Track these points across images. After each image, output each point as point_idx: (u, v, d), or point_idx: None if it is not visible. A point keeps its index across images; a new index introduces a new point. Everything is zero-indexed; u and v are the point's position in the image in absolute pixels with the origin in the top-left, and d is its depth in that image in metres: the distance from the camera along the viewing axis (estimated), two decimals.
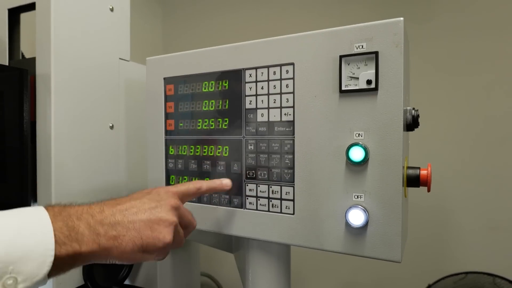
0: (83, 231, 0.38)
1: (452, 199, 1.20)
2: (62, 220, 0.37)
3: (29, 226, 0.35)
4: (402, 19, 0.46)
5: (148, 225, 0.42)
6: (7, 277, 0.32)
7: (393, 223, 0.47)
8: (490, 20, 1.12)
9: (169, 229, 0.43)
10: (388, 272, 1.31)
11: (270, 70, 0.55)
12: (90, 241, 0.38)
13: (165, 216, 0.44)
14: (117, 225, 0.40)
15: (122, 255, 0.40)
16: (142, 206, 0.43)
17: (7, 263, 0.32)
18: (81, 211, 0.40)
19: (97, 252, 0.38)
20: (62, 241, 0.36)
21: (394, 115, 0.46)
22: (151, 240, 0.41)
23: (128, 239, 0.40)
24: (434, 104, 1.19)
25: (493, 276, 1.12)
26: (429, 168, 0.50)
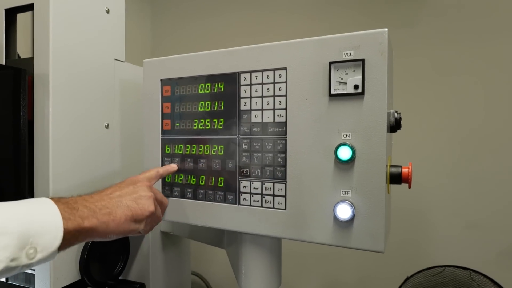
0: (82, 209, 0.46)
1: (430, 197, 1.26)
2: (63, 204, 0.44)
3: (40, 209, 0.42)
4: (387, 30, 0.50)
5: (133, 200, 0.52)
6: (29, 247, 0.39)
7: (377, 216, 0.51)
8: (469, 26, 1.19)
9: (150, 201, 0.54)
10: (368, 266, 1.37)
11: (264, 74, 0.59)
12: (90, 216, 0.46)
13: (144, 192, 0.54)
14: (108, 204, 0.49)
15: (118, 226, 0.49)
16: (122, 189, 0.53)
17: (27, 236, 0.39)
18: (75, 199, 0.47)
19: (97, 226, 0.46)
20: (67, 217, 0.43)
21: (379, 117, 0.51)
22: (139, 210, 0.52)
23: (120, 212, 0.49)
24: (414, 107, 1.25)
25: (470, 271, 1.18)
26: (410, 167, 0.55)
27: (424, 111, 1.25)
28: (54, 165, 0.69)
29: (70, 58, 0.72)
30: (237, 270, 0.69)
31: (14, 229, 0.39)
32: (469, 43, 1.19)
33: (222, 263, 1.60)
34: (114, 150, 0.83)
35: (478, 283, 1.16)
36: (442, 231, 1.27)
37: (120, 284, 0.76)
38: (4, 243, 0.38)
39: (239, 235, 0.67)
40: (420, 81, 1.25)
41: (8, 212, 0.40)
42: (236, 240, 0.69)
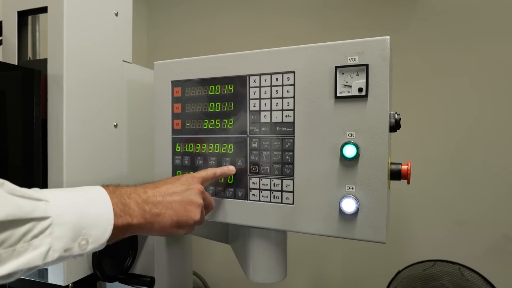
0: (134, 207, 0.47)
1: (422, 195, 1.31)
2: (117, 197, 0.46)
3: (94, 201, 0.44)
4: (389, 37, 0.55)
5: (182, 206, 0.52)
6: (81, 238, 0.41)
7: (380, 210, 0.55)
8: (460, 28, 1.25)
9: (198, 209, 0.55)
10: (359, 262, 1.41)
11: (273, 76, 0.63)
12: (139, 216, 0.47)
13: (195, 199, 0.54)
14: (159, 204, 0.50)
15: (162, 229, 0.50)
16: (176, 189, 0.53)
17: (81, 228, 0.41)
18: (130, 191, 0.48)
19: (143, 225, 0.48)
20: (119, 214, 0.45)
21: (381, 118, 0.55)
22: (185, 218, 0.52)
23: (167, 216, 0.50)
24: (407, 108, 1.30)
25: (459, 265, 1.24)
26: (409, 164, 0.59)
27: (416, 111, 1.30)
28: (68, 163, 0.71)
29: (82, 59, 0.74)
30: (244, 263, 0.72)
31: (69, 219, 0.40)
32: (461, 45, 1.24)
33: (219, 262, 1.63)
34: (122, 149, 0.86)
35: (467, 277, 1.22)
36: (433, 227, 1.32)
37: (130, 278, 0.78)
38: (60, 234, 0.39)
39: (247, 229, 0.70)
40: (413, 83, 1.30)
41: (64, 201, 0.41)
42: (243, 234, 0.72)
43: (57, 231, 0.39)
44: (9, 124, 0.70)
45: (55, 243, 0.39)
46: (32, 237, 0.37)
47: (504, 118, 1.21)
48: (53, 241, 0.39)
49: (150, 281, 0.77)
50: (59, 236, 0.39)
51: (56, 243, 0.39)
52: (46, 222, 0.39)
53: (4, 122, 0.69)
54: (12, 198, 0.38)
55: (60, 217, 0.39)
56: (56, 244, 0.39)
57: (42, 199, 0.40)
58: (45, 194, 0.41)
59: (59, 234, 0.39)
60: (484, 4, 1.21)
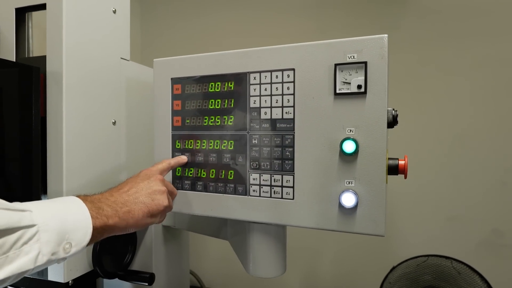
0: (106, 209, 0.51)
1: (414, 191, 1.34)
2: (90, 202, 0.50)
3: (72, 208, 0.48)
4: (387, 36, 0.56)
5: (149, 197, 0.58)
6: (65, 242, 0.45)
7: (378, 204, 0.57)
8: (453, 28, 1.27)
9: (164, 195, 0.60)
10: (352, 258, 1.43)
11: (273, 74, 0.64)
12: (113, 215, 0.52)
13: (157, 187, 0.60)
14: (127, 202, 0.55)
15: (137, 222, 0.55)
16: (138, 185, 0.59)
17: (64, 233, 0.45)
18: (98, 198, 0.53)
19: (118, 223, 0.52)
20: (95, 216, 0.49)
21: (380, 114, 0.56)
22: (154, 206, 0.58)
23: (138, 210, 0.55)
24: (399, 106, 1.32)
25: (451, 260, 1.27)
26: (406, 159, 0.60)
27: (409, 109, 1.32)
28: (67, 160, 0.71)
29: (81, 56, 0.74)
30: (245, 258, 0.73)
31: (53, 226, 0.44)
32: (454, 44, 1.27)
33: (214, 259, 1.64)
34: (120, 146, 0.86)
35: (458, 270, 1.25)
36: (425, 223, 1.34)
37: (130, 275, 0.79)
38: (46, 239, 0.43)
39: (247, 224, 0.71)
40: (406, 81, 1.32)
41: (47, 210, 0.45)
42: (243, 230, 0.73)
43: (44, 237, 0.42)
44: (8, 121, 0.70)
45: (43, 247, 0.42)
46: (22, 243, 0.41)
47: (495, 115, 1.24)
48: (42, 246, 0.42)
49: (149, 277, 0.78)
50: (46, 241, 0.43)
51: (44, 247, 0.42)
52: (34, 229, 0.42)
53: (3, 119, 0.69)
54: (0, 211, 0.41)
55: (45, 224, 0.43)
56: (44, 249, 0.42)
57: (26, 209, 0.43)
58: (27, 205, 0.44)
59: (46, 239, 0.43)
60: (477, 3, 1.24)
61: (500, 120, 1.23)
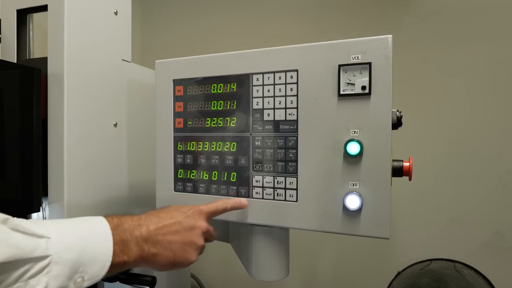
0: (133, 247, 0.48)
1: (415, 193, 1.33)
2: (118, 234, 0.47)
3: (96, 237, 0.44)
4: (391, 36, 0.56)
5: (181, 247, 0.53)
6: (78, 276, 0.41)
7: (383, 206, 0.56)
8: (451, 30, 1.27)
9: (197, 251, 0.55)
10: (353, 262, 1.42)
11: (276, 75, 0.63)
12: (136, 255, 0.48)
13: (196, 240, 0.55)
14: (158, 244, 0.50)
15: (157, 267, 0.51)
16: (180, 227, 0.53)
17: (79, 265, 0.41)
18: (133, 226, 0.49)
19: (138, 262, 0.49)
20: (118, 254, 0.46)
21: (384, 116, 0.56)
22: (181, 259, 0.53)
23: (164, 257, 0.51)
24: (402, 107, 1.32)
25: (454, 262, 1.26)
26: (410, 161, 0.60)
27: (410, 110, 1.32)
28: (68, 163, 0.70)
29: (82, 58, 0.74)
30: (247, 261, 0.72)
31: (68, 257, 0.41)
32: (455, 45, 1.27)
33: (215, 262, 1.63)
34: (122, 148, 0.85)
35: (461, 273, 1.24)
36: (426, 225, 1.34)
37: (131, 278, 0.78)
38: (57, 273, 0.39)
39: (250, 227, 0.70)
40: (406, 82, 1.32)
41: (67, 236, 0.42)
42: (246, 232, 0.73)
43: (54, 270, 0.39)
44: (9, 123, 0.69)
45: (52, 282, 0.39)
46: (29, 276, 0.38)
47: (497, 117, 1.23)
48: (50, 280, 0.39)
49: (151, 281, 0.77)
50: (56, 275, 0.39)
51: (52, 282, 0.39)
52: (45, 261, 0.39)
53: (3, 121, 0.68)
54: (15, 235, 0.38)
55: (59, 255, 0.40)
56: (52, 284, 0.39)
57: (44, 235, 0.40)
58: (48, 228, 0.42)
59: (56, 273, 0.39)
60: (478, 5, 1.24)
61: (502, 121, 1.23)
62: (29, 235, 0.39)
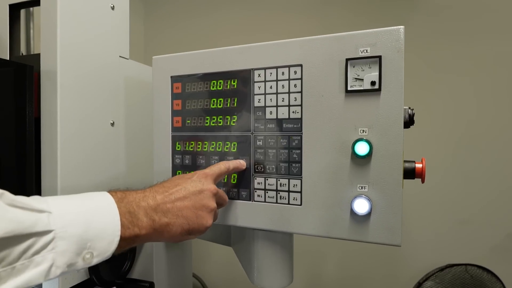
0: (142, 218, 0.44)
1: (423, 195, 1.28)
2: (124, 206, 0.43)
3: (101, 211, 0.41)
4: (403, 27, 0.51)
5: (194, 212, 0.49)
6: (86, 252, 0.38)
7: (395, 211, 0.52)
8: (461, 26, 1.22)
9: (211, 214, 0.51)
10: (359, 264, 1.38)
11: (278, 70, 0.59)
12: (148, 226, 0.44)
13: (208, 203, 0.50)
14: (168, 213, 0.47)
15: (172, 237, 0.47)
16: (187, 192, 0.49)
17: (86, 241, 0.38)
18: (139, 198, 0.46)
19: (152, 235, 0.45)
20: (127, 226, 0.42)
21: (396, 113, 0.52)
22: (196, 225, 0.49)
23: (177, 225, 0.47)
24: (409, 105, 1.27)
25: (465, 265, 1.21)
26: (423, 162, 0.56)
27: (417, 109, 1.27)
28: (62, 162, 0.67)
29: (77, 54, 0.71)
30: (249, 267, 0.69)
31: (74, 232, 0.38)
32: (462, 43, 1.22)
33: (218, 263, 1.60)
34: (119, 148, 0.82)
35: (472, 274, 1.20)
36: (436, 226, 1.29)
37: (128, 283, 0.75)
38: (63, 248, 0.37)
39: (251, 231, 0.67)
40: (414, 80, 1.28)
41: (68, 211, 0.39)
42: (247, 237, 0.69)
43: (60, 245, 0.37)
44: (0, 122, 0.66)
45: (58, 258, 0.36)
46: (33, 253, 0.35)
47: (509, 115, 1.18)
48: (56, 257, 0.36)
49: (149, 287, 0.74)
50: (62, 251, 0.37)
51: (59, 258, 0.36)
52: (49, 236, 0.36)
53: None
54: (12, 211, 0.35)
55: (63, 230, 0.37)
56: (59, 260, 0.36)
57: (44, 210, 0.37)
58: (48, 203, 0.38)
59: (62, 248, 0.37)
60: (485, 1, 1.19)
61: None
62: (28, 210, 0.36)
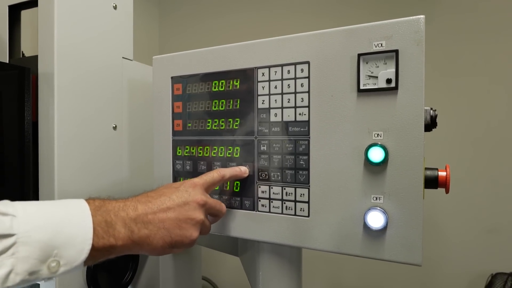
0: (120, 228, 0.41)
1: (447, 201, 1.20)
2: (101, 215, 0.40)
3: (72, 217, 0.39)
4: (423, 17, 0.45)
5: (177, 224, 0.45)
6: (52, 260, 0.36)
7: (414, 225, 0.46)
8: (485, 23, 1.13)
9: (196, 226, 0.47)
10: (379, 271, 1.31)
11: (284, 68, 0.54)
12: (125, 237, 0.41)
13: (193, 215, 0.47)
14: (149, 224, 0.43)
15: (153, 251, 0.44)
16: (171, 203, 0.46)
17: (52, 248, 0.36)
18: (118, 207, 0.43)
19: (130, 247, 0.42)
20: (101, 235, 0.39)
21: (415, 114, 0.45)
22: (179, 238, 0.45)
23: (158, 237, 0.44)
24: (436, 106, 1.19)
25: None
26: (447, 170, 0.49)
27: (440, 110, 1.19)
28: (60, 168, 0.65)
29: (76, 56, 0.68)
30: (253, 280, 0.64)
31: (38, 237, 0.35)
32: (484, 41, 1.13)
33: (233, 268, 1.56)
34: (122, 153, 0.79)
35: None
36: (461, 235, 1.21)
37: None
38: (25, 254, 0.34)
39: (257, 243, 0.62)
40: (433, 80, 1.19)
41: (36, 216, 0.37)
42: (252, 248, 0.64)
43: (22, 251, 0.34)
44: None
45: (19, 265, 0.34)
46: None
47: None
48: (16, 263, 0.34)
49: None
50: (24, 257, 0.34)
51: (19, 265, 0.34)
52: (9, 240, 0.34)
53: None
54: None
55: (27, 234, 0.35)
56: (20, 266, 0.34)
57: (8, 213, 0.35)
58: (14, 207, 0.37)
59: (24, 254, 0.34)
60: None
61: None
62: None
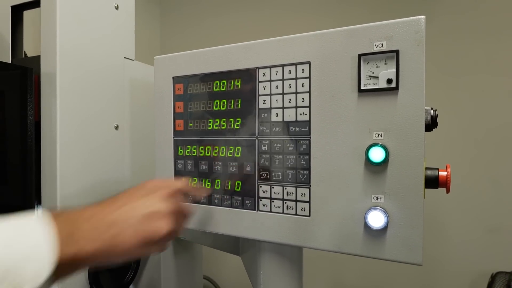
0: (84, 233, 0.38)
1: (448, 200, 1.19)
2: (63, 222, 0.37)
3: (28, 229, 0.34)
4: (424, 17, 0.45)
5: (144, 220, 0.43)
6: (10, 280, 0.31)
7: (415, 225, 0.46)
8: (493, 22, 1.13)
9: (166, 219, 0.44)
10: (379, 270, 1.31)
11: (285, 69, 0.54)
12: (91, 241, 0.38)
13: (159, 208, 0.44)
14: (114, 224, 0.40)
15: (127, 251, 0.41)
16: (135, 202, 0.44)
17: (8, 266, 0.31)
18: (81, 212, 0.40)
19: (100, 252, 0.38)
20: (65, 241, 0.35)
21: (416, 115, 0.46)
22: (149, 233, 0.42)
23: (128, 235, 0.41)
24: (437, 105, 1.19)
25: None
26: (448, 169, 0.49)
27: (440, 110, 1.19)
28: (62, 167, 0.65)
29: (78, 56, 0.68)
30: (255, 279, 0.64)
31: None
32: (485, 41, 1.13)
33: (234, 267, 1.56)
34: (124, 153, 0.79)
35: None
36: (462, 235, 1.20)
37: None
38: None
39: (258, 242, 0.62)
40: (434, 80, 1.19)
41: None
42: (253, 247, 0.64)
43: None
44: (0, 126, 0.65)
45: None
46: None
47: None
48: None
49: None
50: None
51: None
52: None
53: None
54: None
55: None
56: None
57: None
58: None
59: None
60: None
61: None
62: None
